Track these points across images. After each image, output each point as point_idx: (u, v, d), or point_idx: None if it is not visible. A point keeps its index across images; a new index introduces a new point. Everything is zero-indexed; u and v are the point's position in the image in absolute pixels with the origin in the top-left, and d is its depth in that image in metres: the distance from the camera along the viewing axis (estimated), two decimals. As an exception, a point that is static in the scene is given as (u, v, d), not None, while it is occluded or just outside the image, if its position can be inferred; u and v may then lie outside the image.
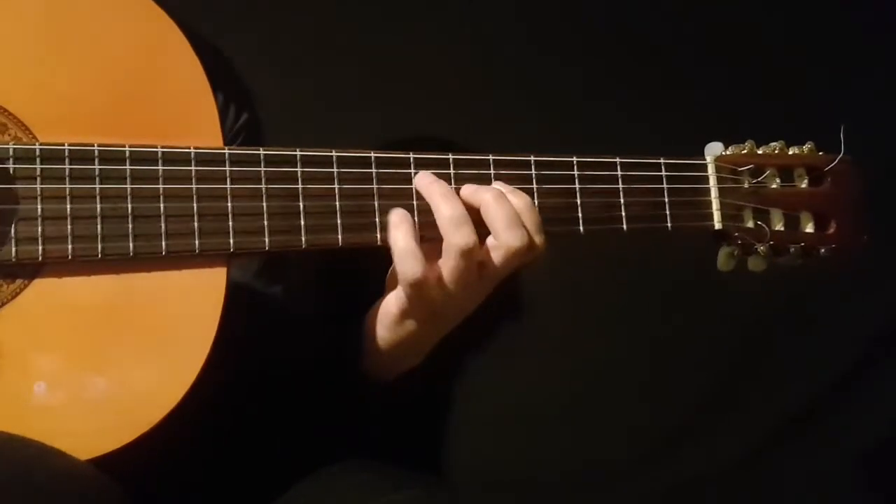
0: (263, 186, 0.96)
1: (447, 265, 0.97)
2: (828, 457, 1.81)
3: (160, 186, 0.93)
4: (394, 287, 1.00)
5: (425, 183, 0.99)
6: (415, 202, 1.00)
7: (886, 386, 1.83)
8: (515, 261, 0.98)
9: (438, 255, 0.98)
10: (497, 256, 0.98)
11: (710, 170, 1.09)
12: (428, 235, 0.98)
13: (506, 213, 0.97)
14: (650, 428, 1.77)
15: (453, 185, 1.00)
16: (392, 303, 1.01)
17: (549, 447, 1.71)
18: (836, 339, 1.81)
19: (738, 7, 1.70)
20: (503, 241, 0.97)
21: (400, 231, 0.96)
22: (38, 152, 0.91)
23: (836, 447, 1.81)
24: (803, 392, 1.82)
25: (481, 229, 0.98)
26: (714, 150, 1.12)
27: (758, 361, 1.81)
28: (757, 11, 1.70)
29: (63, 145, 0.91)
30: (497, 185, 1.01)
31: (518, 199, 1.00)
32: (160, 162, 0.93)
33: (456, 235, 0.96)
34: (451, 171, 1.01)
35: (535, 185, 1.03)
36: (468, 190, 1.00)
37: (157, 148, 0.93)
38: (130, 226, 0.92)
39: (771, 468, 1.80)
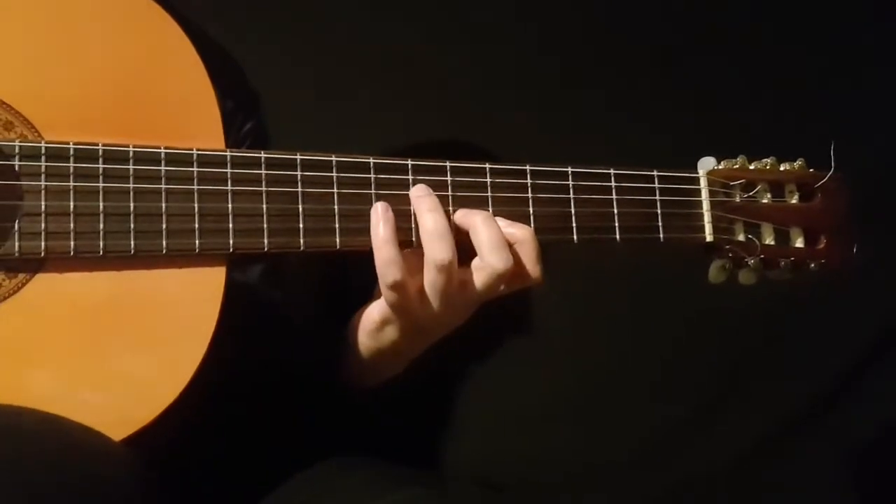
0: (264, 189, 0.97)
1: (426, 278, 0.98)
2: (827, 457, 1.81)
3: (162, 186, 0.95)
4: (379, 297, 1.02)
5: (416, 195, 1.01)
6: (411, 208, 1.01)
7: (886, 386, 1.83)
8: (499, 283, 0.99)
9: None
10: (480, 277, 0.99)
11: (703, 183, 1.11)
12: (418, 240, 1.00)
13: (491, 234, 0.99)
14: (650, 428, 1.78)
15: (449, 193, 1.02)
16: (374, 310, 1.03)
17: (549, 447, 1.72)
18: (836, 339, 1.81)
19: (734, 24, 1.72)
20: (487, 263, 0.99)
21: (380, 232, 0.98)
22: (43, 150, 0.92)
23: (835, 447, 1.81)
24: (803, 392, 1.83)
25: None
26: (706, 164, 1.13)
27: (758, 361, 1.81)
28: (753, 28, 1.72)
29: (68, 144, 0.93)
30: (498, 220, 1.02)
31: (518, 230, 1.01)
32: (163, 162, 0.95)
33: (434, 249, 0.97)
34: (448, 179, 1.03)
35: (530, 194, 1.05)
36: (461, 213, 1.02)
37: (160, 148, 0.95)
38: (132, 224, 0.93)
39: (770, 468, 1.80)
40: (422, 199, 1.00)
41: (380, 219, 0.98)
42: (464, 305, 1.01)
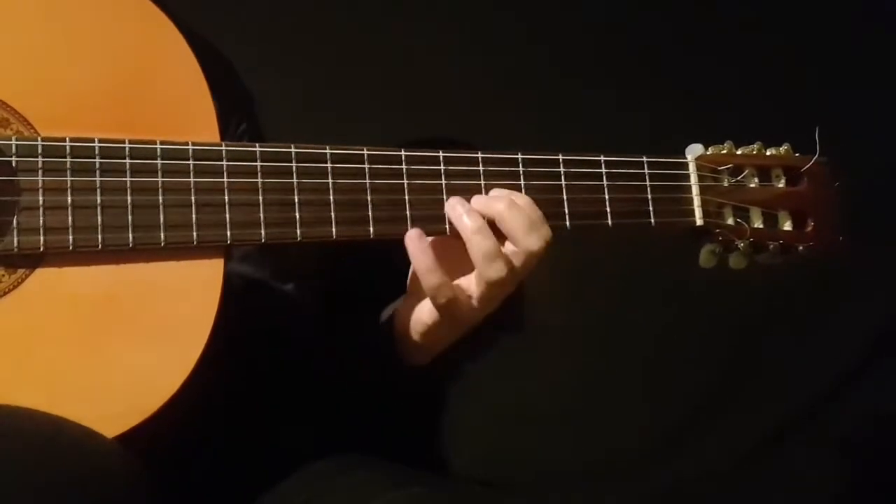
0: (259, 180, 0.98)
1: (480, 290, 1.01)
2: (827, 457, 1.82)
3: (159, 179, 0.96)
4: (416, 290, 1.04)
5: (457, 214, 1.02)
6: (406, 197, 1.02)
7: (886, 386, 1.84)
8: (536, 260, 1.02)
9: (461, 254, 1.02)
10: (519, 261, 1.02)
11: (692, 168, 1.13)
12: (425, 228, 1.02)
13: (523, 219, 1.01)
14: (650, 428, 1.79)
15: (443, 182, 1.04)
16: (425, 313, 1.04)
17: (550, 447, 1.73)
18: (836, 339, 1.83)
19: (722, 10, 1.74)
20: (524, 247, 1.01)
21: (417, 250, 1.00)
22: (39, 146, 0.93)
23: (835, 447, 1.83)
24: (803, 392, 1.84)
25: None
26: (695, 150, 1.15)
27: (757, 361, 1.82)
28: (741, 15, 1.75)
29: (64, 139, 0.94)
30: (496, 191, 1.04)
31: (521, 200, 1.03)
32: (159, 156, 0.96)
33: (490, 270, 1.00)
34: (441, 168, 1.04)
35: (522, 182, 1.06)
36: (480, 202, 1.03)
37: (156, 143, 0.96)
38: (130, 217, 0.94)
39: (770, 468, 1.81)
40: (463, 220, 1.01)
41: (418, 252, 1.00)
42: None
